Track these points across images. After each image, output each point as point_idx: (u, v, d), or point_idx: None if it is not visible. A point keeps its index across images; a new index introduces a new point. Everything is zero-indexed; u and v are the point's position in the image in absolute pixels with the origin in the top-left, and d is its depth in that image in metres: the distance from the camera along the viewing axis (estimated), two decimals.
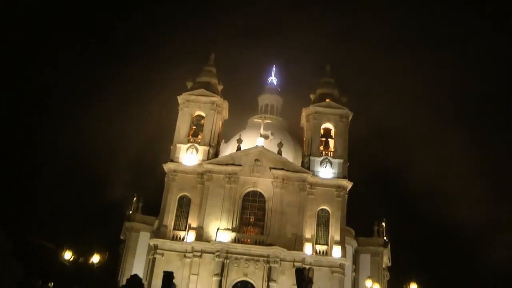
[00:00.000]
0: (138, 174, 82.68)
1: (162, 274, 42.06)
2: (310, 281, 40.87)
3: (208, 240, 61.99)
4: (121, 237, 77.69)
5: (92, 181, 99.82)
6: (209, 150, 67.64)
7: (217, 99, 70.65)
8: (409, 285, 43.45)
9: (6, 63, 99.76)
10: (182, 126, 69.38)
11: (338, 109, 70.56)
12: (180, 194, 65.93)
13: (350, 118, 70.66)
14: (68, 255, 43.87)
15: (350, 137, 69.98)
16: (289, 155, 69.58)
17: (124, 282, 52.02)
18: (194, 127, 70.28)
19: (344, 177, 66.29)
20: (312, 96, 73.29)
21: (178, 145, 67.99)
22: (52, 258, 46.04)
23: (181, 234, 64.03)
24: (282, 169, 65.44)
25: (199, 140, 68.66)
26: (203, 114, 70.40)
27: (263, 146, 66.91)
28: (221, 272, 60.07)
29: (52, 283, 51.82)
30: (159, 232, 63.90)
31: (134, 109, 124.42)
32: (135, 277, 38.91)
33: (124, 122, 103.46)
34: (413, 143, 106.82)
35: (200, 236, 62.48)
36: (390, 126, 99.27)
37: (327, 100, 71.19)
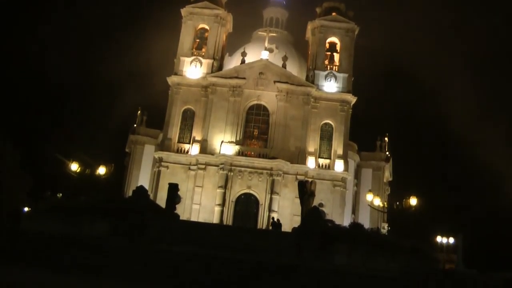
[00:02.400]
0: (143, 87, 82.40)
1: (167, 186, 42.92)
2: (312, 194, 41.75)
3: (212, 153, 62.71)
4: (126, 150, 78.53)
5: (98, 95, 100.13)
6: (213, 63, 67.17)
7: (221, 11, 69.44)
8: (409, 199, 44.12)
9: None
10: (186, 39, 68.61)
11: (344, 23, 69.35)
12: (184, 107, 66.07)
13: (356, 32, 69.57)
14: (74, 166, 44.50)
15: (356, 52, 69.31)
16: (294, 69, 69.12)
17: (130, 193, 53.04)
18: (198, 40, 69.45)
19: (348, 92, 66.13)
20: (318, 10, 71.93)
21: (181, 58, 67.49)
22: (60, 170, 46.76)
23: (185, 147, 64.71)
24: (287, 82, 65.21)
25: (203, 53, 68.08)
26: (206, 27, 69.44)
27: (267, 60, 66.43)
28: (225, 185, 61.18)
29: (60, 194, 53.00)
30: (163, 145, 64.59)
31: (138, 22, 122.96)
32: (141, 188, 39.64)
33: (128, 35, 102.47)
34: (419, 61, 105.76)
35: (204, 149, 63.16)
36: (397, 43, 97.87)
37: (333, 14, 69.90)
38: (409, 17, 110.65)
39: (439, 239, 69.84)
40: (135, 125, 74.43)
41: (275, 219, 49.28)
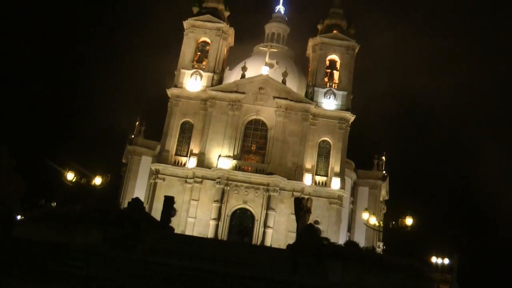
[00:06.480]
0: (142, 98, 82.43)
1: (163, 198, 42.72)
2: (308, 211, 41.60)
3: (209, 167, 62.54)
4: (123, 161, 78.33)
5: (96, 104, 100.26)
6: (213, 76, 67.23)
7: (223, 25, 69.62)
8: (404, 219, 43.99)
9: None
10: (187, 51, 68.74)
11: (345, 40, 69.52)
12: (183, 120, 66.02)
13: (356, 50, 69.79)
14: (70, 175, 44.33)
15: (356, 69, 69.45)
16: (294, 85, 69.19)
17: (125, 204, 52.79)
18: (199, 53, 69.59)
19: (347, 109, 66.14)
20: (319, 27, 72.24)
21: (182, 70, 67.56)
22: (56, 178, 46.60)
23: (183, 159, 64.56)
24: (286, 98, 65.25)
25: (204, 66, 68.17)
26: (208, 40, 69.59)
27: (267, 75, 66.49)
28: (221, 199, 60.94)
29: (55, 202, 52.75)
30: (161, 157, 64.39)
31: (139, 33, 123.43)
32: (136, 200, 39.42)
33: (129, 46, 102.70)
34: (419, 78, 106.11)
35: (202, 162, 63.00)
36: (396, 60, 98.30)
37: (334, 31, 70.11)
38: (412, 38, 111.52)
39: (434, 259, 69.74)
40: (133, 136, 74.24)
41: (244, 226, 49.60)
